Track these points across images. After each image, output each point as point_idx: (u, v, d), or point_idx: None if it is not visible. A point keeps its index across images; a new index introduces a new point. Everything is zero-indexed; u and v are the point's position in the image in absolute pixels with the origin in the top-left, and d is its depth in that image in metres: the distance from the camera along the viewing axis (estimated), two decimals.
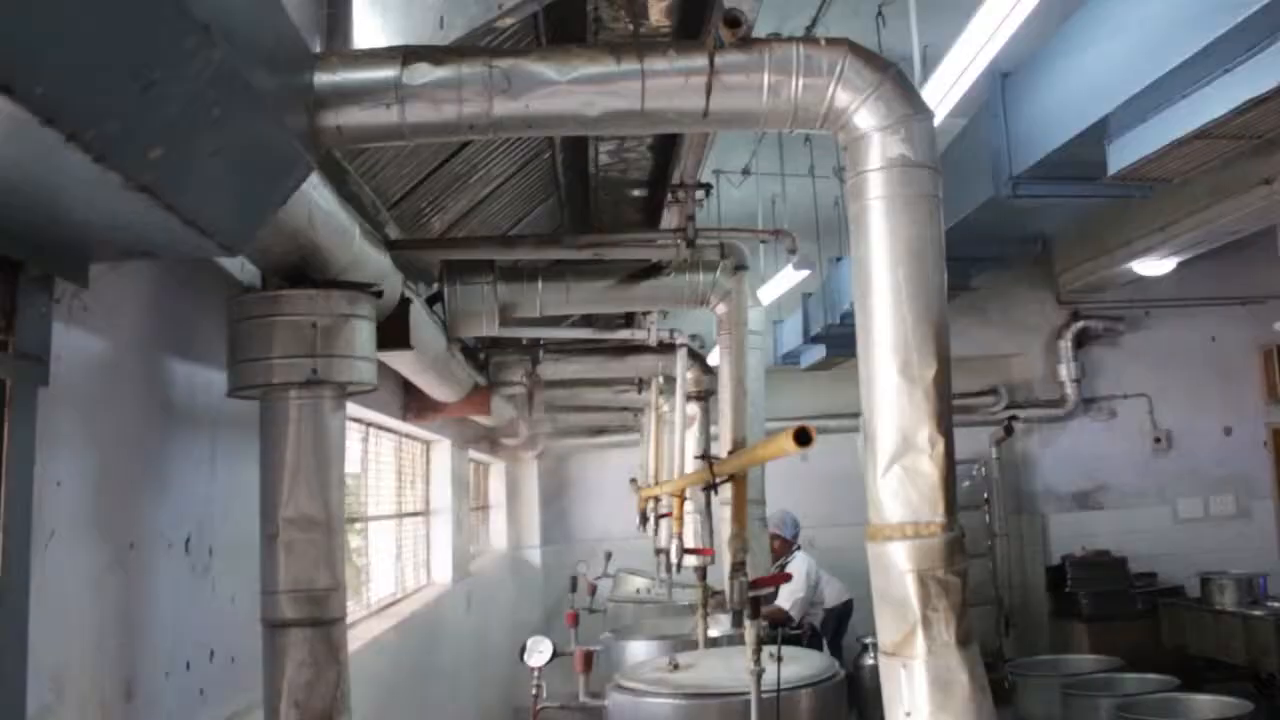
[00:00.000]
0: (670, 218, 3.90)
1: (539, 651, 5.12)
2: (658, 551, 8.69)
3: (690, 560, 5.47)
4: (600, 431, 11.76)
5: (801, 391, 11.78)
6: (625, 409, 9.98)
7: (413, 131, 2.18)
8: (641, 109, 2.15)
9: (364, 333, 2.58)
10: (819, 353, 10.91)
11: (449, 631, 7.21)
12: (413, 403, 5.63)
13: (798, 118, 2.22)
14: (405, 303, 3.31)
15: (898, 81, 2.23)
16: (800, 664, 4.68)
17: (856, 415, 2.30)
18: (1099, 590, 10.93)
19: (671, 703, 4.42)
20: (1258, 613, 9.28)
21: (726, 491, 4.27)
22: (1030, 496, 12.27)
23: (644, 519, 8.68)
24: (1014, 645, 11.33)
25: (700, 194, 3.44)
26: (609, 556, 11.15)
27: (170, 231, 1.56)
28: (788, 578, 3.63)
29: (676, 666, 4.96)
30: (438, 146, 4.18)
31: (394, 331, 3.29)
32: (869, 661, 9.12)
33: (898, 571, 2.11)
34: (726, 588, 3.32)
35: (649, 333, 5.30)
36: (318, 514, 2.57)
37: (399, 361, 4.09)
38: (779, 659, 3.98)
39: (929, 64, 4.12)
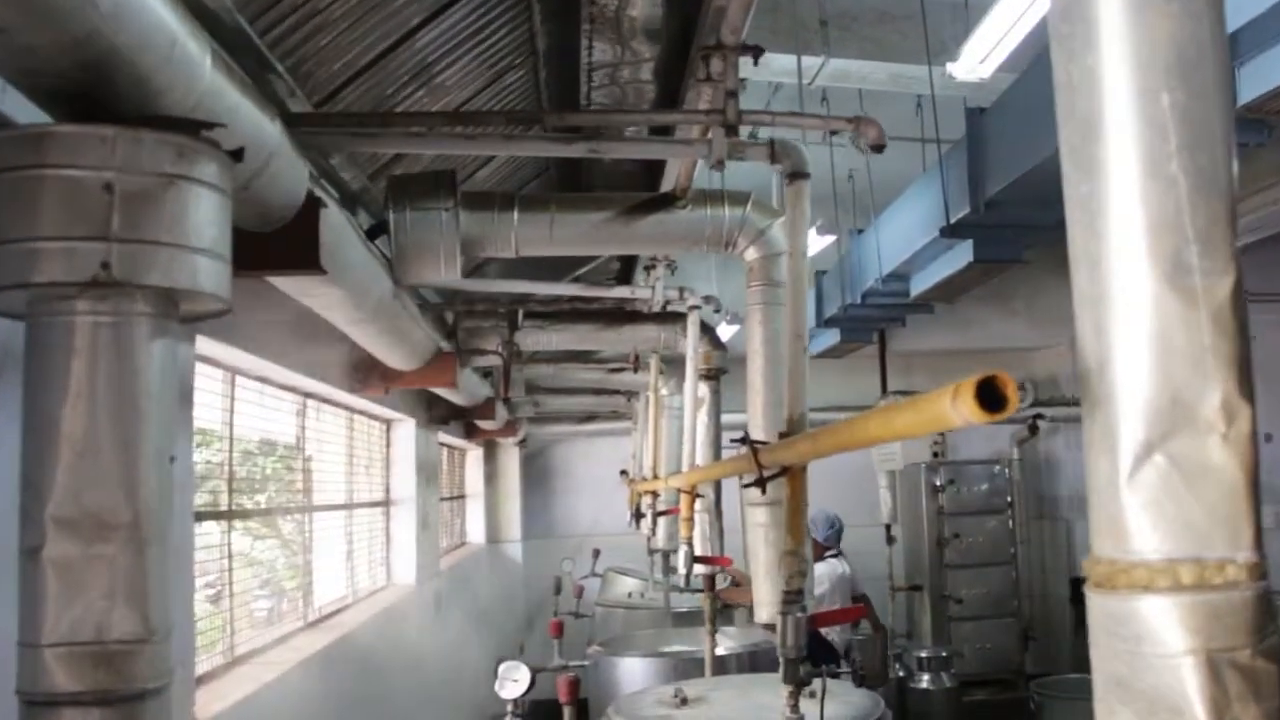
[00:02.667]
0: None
1: (513, 680, 4.10)
2: (652, 552, 7.73)
3: (697, 568, 4.48)
4: (589, 418, 10.75)
5: (809, 381, 10.86)
6: (617, 392, 8.95)
7: None
8: None
9: (205, 209, 1.57)
10: (832, 338, 9.95)
11: (413, 640, 6.18)
12: (361, 370, 4.60)
13: None
14: (313, 204, 2.28)
15: None
16: (835, 703, 3.66)
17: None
18: None
19: None
20: None
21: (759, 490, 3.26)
22: (1054, 501, 11.40)
23: (638, 515, 7.69)
24: (1034, 659, 10.43)
25: (746, 66, 2.37)
26: (597, 554, 10.22)
27: None
28: (860, 613, 2.59)
29: (685, 701, 3.96)
30: (383, 32, 3.16)
31: (295, 244, 2.27)
32: (923, 685, 8.24)
33: (1161, 650, 1.10)
34: (778, 625, 2.31)
35: (652, 291, 4.28)
36: (117, 512, 1.56)
37: (321, 301, 3.05)
38: (822, 696, 3.06)
39: None
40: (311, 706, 3.77)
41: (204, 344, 3.16)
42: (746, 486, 2.29)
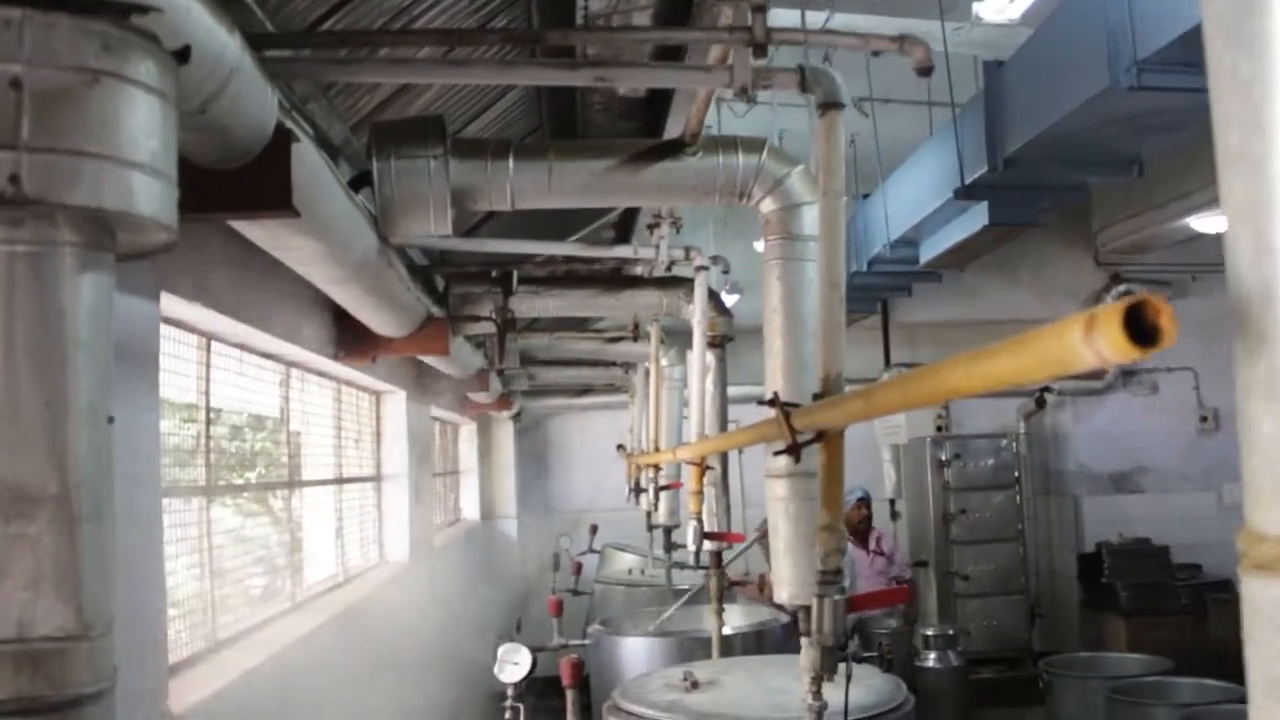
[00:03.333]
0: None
1: (513, 663, 3.86)
2: (651, 527, 7.51)
3: (706, 544, 4.25)
4: (585, 391, 10.49)
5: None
6: (613, 364, 8.69)
7: None
8: None
9: (141, 116, 1.29)
10: None
11: (407, 619, 5.94)
12: (347, 337, 4.32)
13: None
14: (284, 136, 2.00)
15: None
16: (857, 686, 3.43)
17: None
18: (1139, 582, 9.99)
19: None
20: None
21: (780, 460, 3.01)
22: (1061, 476, 11.21)
23: (637, 490, 7.46)
24: (1041, 637, 10.26)
25: None
26: (594, 530, 10.02)
27: None
28: (904, 596, 2.31)
29: (695, 685, 3.74)
30: None
31: (263, 182, 1.99)
32: (930, 663, 8.06)
33: None
34: (814, 609, 2.06)
35: (657, 250, 4.01)
36: (41, 483, 1.29)
37: (298, 255, 2.78)
38: (848, 682, 2.84)
39: None
40: (299, 691, 3.53)
41: (174, 305, 2.90)
42: (778, 454, 2.04)
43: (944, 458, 10.19)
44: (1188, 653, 8.26)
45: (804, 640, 3.00)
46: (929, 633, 8.44)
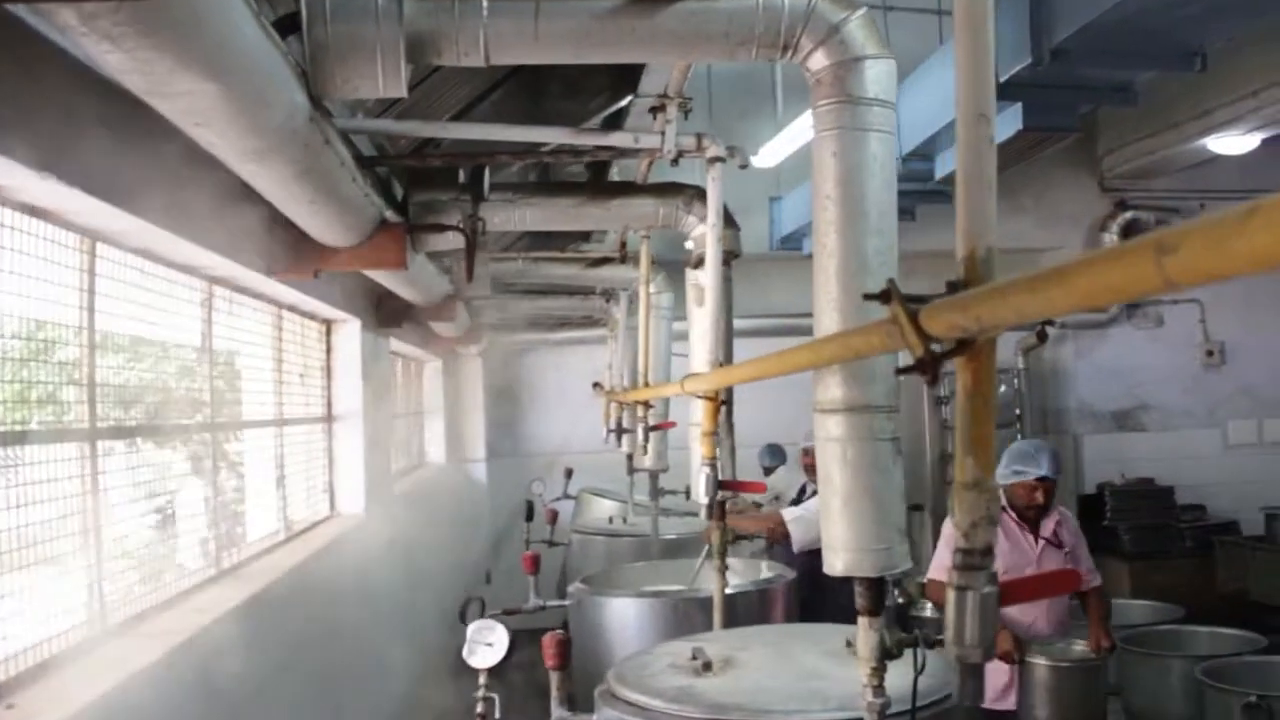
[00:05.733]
0: None
1: (485, 644, 3.15)
2: (633, 471, 6.84)
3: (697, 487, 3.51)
4: (561, 324, 9.74)
5: (795, 285, 9.87)
6: (592, 292, 7.94)
7: None
8: None
9: None
10: None
11: (363, 580, 5.23)
12: (281, 246, 3.54)
13: None
14: None
15: None
16: (901, 665, 2.76)
17: None
18: (1143, 524, 9.60)
19: None
20: None
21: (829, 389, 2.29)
22: (1061, 414, 10.69)
23: (619, 431, 6.75)
24: None
25: None
26: (569, 474, 9.33)
27: None
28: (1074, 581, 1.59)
29: (708, 666, 3.04)
30: None
31: None
32: (927, 613, 7.53)
33: None
34: (951, 607, 1.35)
35: (662, 137, 3.24)
36: None
37: (190, 104, 1.98)
38: (916, 674, 2.22)
39: None
40: (218, 690, 2.80)
41: (30, 182, 2.13)
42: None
43: (942, 394, 9.58)
44: (1194, 598, 7.85)
45: (862, 621, 2.35)
46: (925, 579, 7.87)
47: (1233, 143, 8.29)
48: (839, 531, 2.36)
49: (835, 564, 2.38)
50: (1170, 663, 6.05)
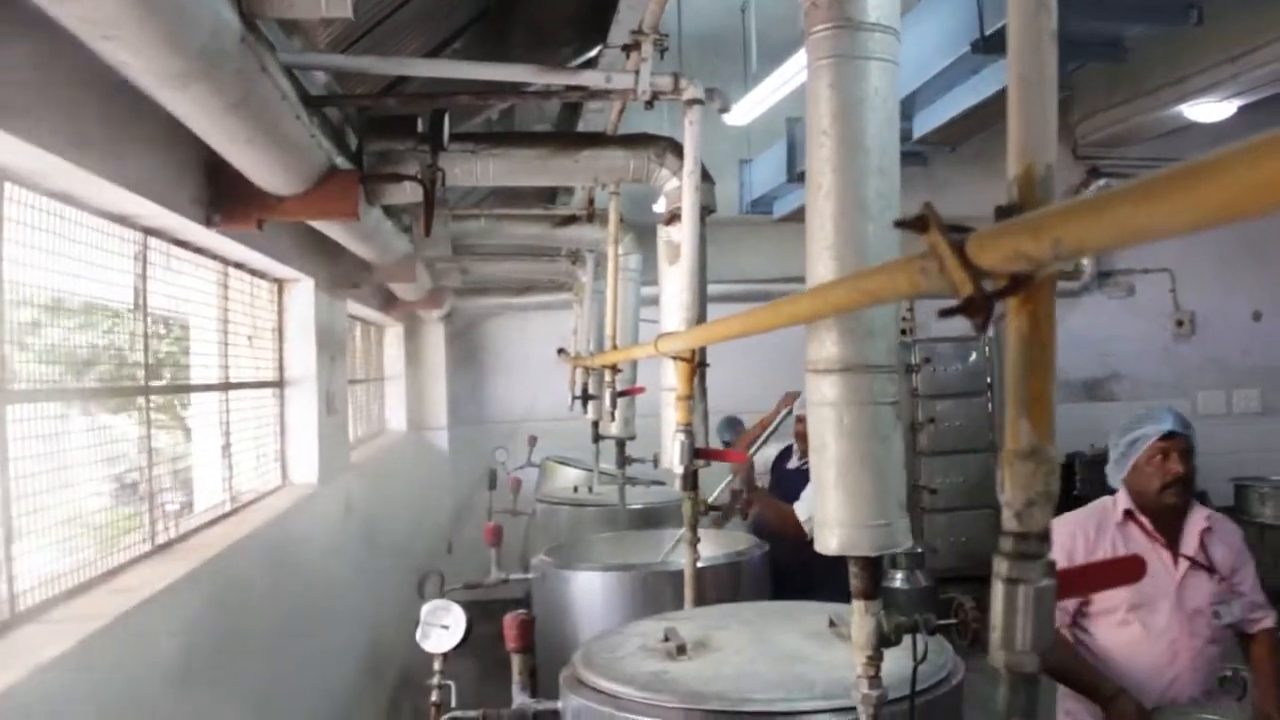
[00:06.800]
0: None
1: (440, 626, 2.92)
2: (599, 438, 6.61)
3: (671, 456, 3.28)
4: (526, 289, 9.46)
5: (765, 249, 9.79)
6: (558, 254, 7.67)
7: None
8: None
9: None
10: (801, 199, 8.72)
11: (316, 554, 4.98)
12: (222, 193, 3.24)
13: None
14: None
15: None
16: (896, 650, 2.55)
17: None
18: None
19: None
20: None
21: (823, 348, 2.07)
22: None
23: (585, 397, 6.51)
24: None
25: None
26: (533, 442, 9.09)
27: None
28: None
29: (682, 649, 2.82)
30: None
31: None
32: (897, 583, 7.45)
33: None
34: (1000, 600, 1.13)
35: (636, 76, 2.98)
36: None
37: (103, 21, 1.69)
38: (916, 662, 2.11)
39: None
40: (139, 679, 2.55)
41: None
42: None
43: (913, 361, 9.42)
44: None
45: (856, 605, 2.14)
46: (894, 551, 7.75)
47: (1209, 109, 8.13)
48: (833, 506, 2.14)
49: (829, 542, 2.15)
50: None
